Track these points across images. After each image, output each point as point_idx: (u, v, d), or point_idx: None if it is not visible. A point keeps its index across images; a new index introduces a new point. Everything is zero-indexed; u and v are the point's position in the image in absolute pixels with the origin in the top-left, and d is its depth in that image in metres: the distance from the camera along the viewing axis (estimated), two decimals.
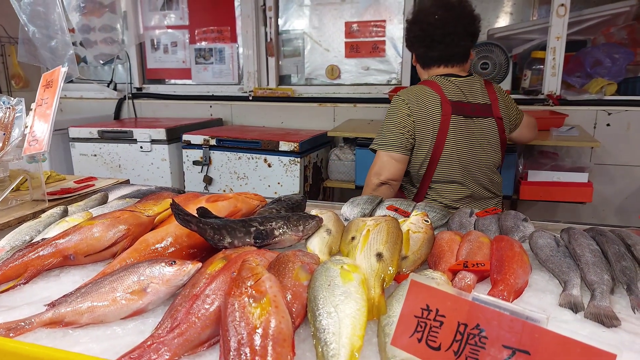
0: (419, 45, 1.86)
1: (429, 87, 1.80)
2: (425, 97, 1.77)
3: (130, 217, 1.11)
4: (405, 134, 1.76)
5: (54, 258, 1.01)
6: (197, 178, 3.21)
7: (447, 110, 1.74)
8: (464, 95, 1.77)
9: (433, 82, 1.81)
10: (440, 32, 1.76)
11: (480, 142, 1.80)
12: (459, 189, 1.81)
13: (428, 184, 1.82)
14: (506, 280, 0.88)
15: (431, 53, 1.84)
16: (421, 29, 1.82)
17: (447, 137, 1.74)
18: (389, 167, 1.78)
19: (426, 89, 1.79)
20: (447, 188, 1.81)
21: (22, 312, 0.86)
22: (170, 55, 4.04)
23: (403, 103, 1.79)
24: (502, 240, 1.01)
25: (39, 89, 1.46)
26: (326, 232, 1.11)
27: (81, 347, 0.77)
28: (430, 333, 0.65)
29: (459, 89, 1.78)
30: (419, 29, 1.83)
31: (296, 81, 3.84)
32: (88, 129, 3.36)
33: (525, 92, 3.10)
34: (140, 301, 0.85)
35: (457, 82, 1.79)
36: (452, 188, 1.81)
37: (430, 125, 1.75)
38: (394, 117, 1.80)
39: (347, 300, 0.79)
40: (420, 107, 1.77)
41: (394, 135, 1.78)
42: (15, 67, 4.11)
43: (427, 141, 1.76)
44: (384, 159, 1.79)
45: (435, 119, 1.75)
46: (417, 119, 1.76)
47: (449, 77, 1.81)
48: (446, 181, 1.80)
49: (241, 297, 0.75)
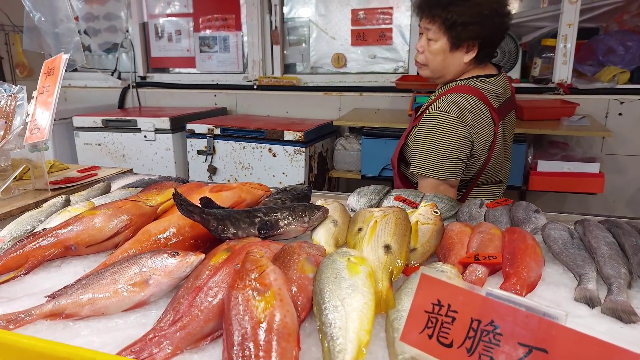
0: (489, 39, 1.58)
1: (475, 96, 1.56)
2: (478, 111, 1.55)
3: (132, 207, 1.09)
4: (463, 159, 1.55)
5: (55, 248, 0.99)
6: (201, 168, 3.19)
7: (496, 120, 1.59)
8: (501, 97, 1.64)
9: (475, 89, 1.58)
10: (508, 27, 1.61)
11: (512, 137, 1.76)
12: (500, 187, 1.75)
13: (472, 189, 1.71)
14: (519, 274, 0.85)
15: (489, 49, 1.61)
16: (501, 22, 1.57)
17: (496, 144, 1.61)
18: (446, 193, 1.51)
19: (474, 100, 1.56)
20: (489, 189, 1.73)
21: (23, 303, 0.84)
22: (174, 44, 4.00)
23: (459, 123, 1.51)
24: (514, 232, 0.98)
25: (41, 76, 1.43)
26: (332, 223, 1.08)
27: (82, 340, 0.75)
28: (442, 329, 0.63)
29: (496, 90, 1.62)
30: (499, 22, 1.57)
31: (301, 70, 3.79)
32: (92, 118, 3.35)
33: (535, 80, 3.03)
34: (142, 293, 0.83)
35: (494, 83, 1.63)
36: (493, 188, 1.74)
37: (484, 140, 1.57)
38: (450, 141, 1.51)
39: (354, 294, 0.76)
40: (475, 124, 1.54)
41: (451, 163, 1.53)
42: (20, 55, 4.09)
43: (482, 156, 1.60)
44: (441, 188, 1.55)
45: (489, 133, 1.57)
46: (475, 138, 1.55)
47: (487, 77, 1.63)
48: (491, 182, 1.72)
49: (245, 290, 0.73)
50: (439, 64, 1.61)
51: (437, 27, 1.56)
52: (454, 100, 1.55)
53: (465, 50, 1.58)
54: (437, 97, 1.65)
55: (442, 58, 1.59)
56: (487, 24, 1.54)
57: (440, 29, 1.55)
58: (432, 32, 1.57)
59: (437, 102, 1.60)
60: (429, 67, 1.64)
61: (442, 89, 1.68)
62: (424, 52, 1.62)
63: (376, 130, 2.86)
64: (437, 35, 1.57)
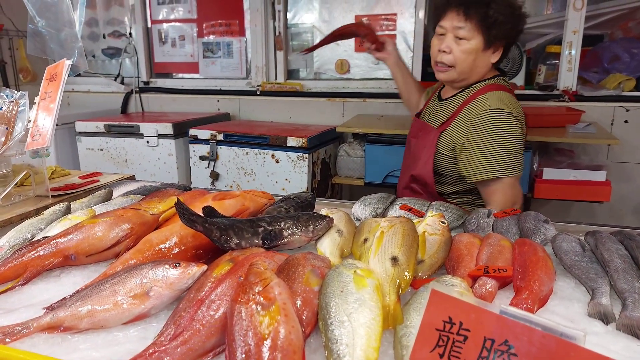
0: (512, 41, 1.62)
1: (511, 94, 1.62)
2: (519, 107, 1.60)
3: (133, 216, 1.07)
4: (523, 152, 1.59)
5: (55, 258, 0.97)
6: (204, 173, 3.17)
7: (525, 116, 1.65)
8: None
9: (508, 88, 1.64)
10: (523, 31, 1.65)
11: None
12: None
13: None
14: (530, 288, 0.83)
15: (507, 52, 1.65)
16: (524, 24, 1.62)
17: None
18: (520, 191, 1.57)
19: (514, 98, 1.61)
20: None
21: (20, 315, 0.82)
22: (178, 49, 4.00)
23: (514, 117, 1.54)
24: (524, 244, 0.95)
25: (43, 82, 1.42)
26: (337, 234, 1.06)
27: (80, 355, 0.73)
28: (454, 348, 0.60)
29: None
30: (523, 24, 1.61)
31: (305, 75, 3.78)
32: (95, 123, 3.34)
33: (540, 87, 3.01)
34: (143, 305, 0.81)
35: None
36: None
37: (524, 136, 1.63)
38: (514, 136, 1.53)
39: (361, 309, 0.74)
40: (522, 118, 1.60)
41: (520, 156, 1.56)
42: (23, 60, 4.09)
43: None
44: (517, 185, 1.56)
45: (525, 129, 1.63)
46: (524, 132, 1.61)
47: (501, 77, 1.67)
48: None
49: (248, 304, 0.71)
50: (469, 65, 1.57)
51: (474, 25, 1.52)
52: (500, 97, 1.55)
53: (492, 51, 1.57)
54: (469, 98, 1.60)
55: (473, 58, 1.55)
56: (516, 25, 1.58)
57: (476, 26, 1.52)
58: (464, 31, 1.52)
59: (479, 103, 1.56)
60: (457, 68, 1.58)
61: (470, 90, 1.63)
62: (451, 52, 1.56)
63: (380, 136, 2.84)
64: (471, 34, 1.52)
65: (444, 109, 1.69)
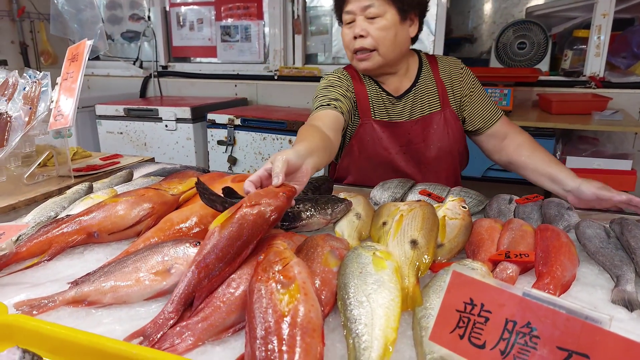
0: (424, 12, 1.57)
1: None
2: None
3: (154, 196, 1.08)
4: None
5: (78, 235, 0.99)
6: (221, 158, 3.19)
7: None
8: None
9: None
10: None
11: None
12: None
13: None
14: (553, 273, 0.81)
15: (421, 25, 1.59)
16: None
17: None
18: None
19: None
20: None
21: (46, 289, 0.84)
22: (195, 33, 3.99)
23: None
24: (547, 229, 0.94)
25: (65, 62, 1.43)
26: (355, 216, 1.06)
27: (104, 328, 0.74)
28: (474, 329, 0.60)
29: None
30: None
31: (323, 60, 3.75)
32: (114, 107, 3.38)
33: (566, 73, 2.93)
34: (164, 282, 0.82)
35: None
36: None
37: None
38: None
39: (380, 289, 0.74)
40: None
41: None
42: (45, 43, 4.14)
43: None
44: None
45: None
46: None
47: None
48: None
49: (268, 283, 0.71)
50: (391, 42, 1.44)
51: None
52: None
53: (409, 24, 1.48)
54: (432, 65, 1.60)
55: (394, 33, 1.43)
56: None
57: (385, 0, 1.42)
58: (375, 8, 1.41)
59: (447, 62, 1.61)
60: (380, 50, 1.45)
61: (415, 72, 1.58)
62: (368, 34, 1.43)
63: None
64: (383, 9, 1.41)
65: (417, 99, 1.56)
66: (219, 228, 0.83)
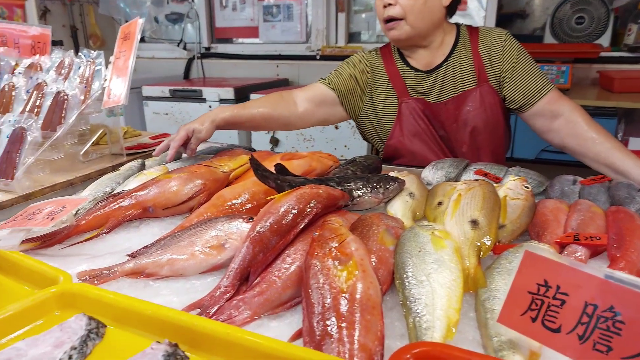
0: None
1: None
2: None
3: (206, 172, 1.09)
4: None
5: (134, 209, 1.01)
6: (263, 139, 3.20)
7: None
8: None
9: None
10: None
11: None
12: None
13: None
14: (628, 257, 0.76)
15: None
16: None
17: None
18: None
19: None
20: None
21: (105, 260, 0.86)
22: (238, 13, 3.99)
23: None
24: (619, 211, 0.87)
25: (117, 41, 1.45)
26: (409, 196, 1.02)
27: (162, 299, 0.75)
28: (548, 312, 0.56)
29: None
30: None
31: (367, 38, 3.67)
32: (160, 88, 3.44)
33: (629, 49, 2.74)
34: (219, 256, 0.82)
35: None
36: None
37: None
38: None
39: (441, 269, 0.71)
40: None
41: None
42: (93, 27, 4.25)
43: None
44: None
45: None
46: None
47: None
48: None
49: (325, 259, 0.70)
50: (419, 10, 1.38)
51: None
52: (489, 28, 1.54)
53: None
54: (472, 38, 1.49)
55: (423, 1, 1.37)
56: None
57: None
58: None
59: (486, 34, 1.48)
60: (409, 19, 1.39)
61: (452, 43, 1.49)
62: (397, 2, 1.38)
63: None
64: None
65: (449, 75, 1.47)
66: (273, 202, 0.82)
